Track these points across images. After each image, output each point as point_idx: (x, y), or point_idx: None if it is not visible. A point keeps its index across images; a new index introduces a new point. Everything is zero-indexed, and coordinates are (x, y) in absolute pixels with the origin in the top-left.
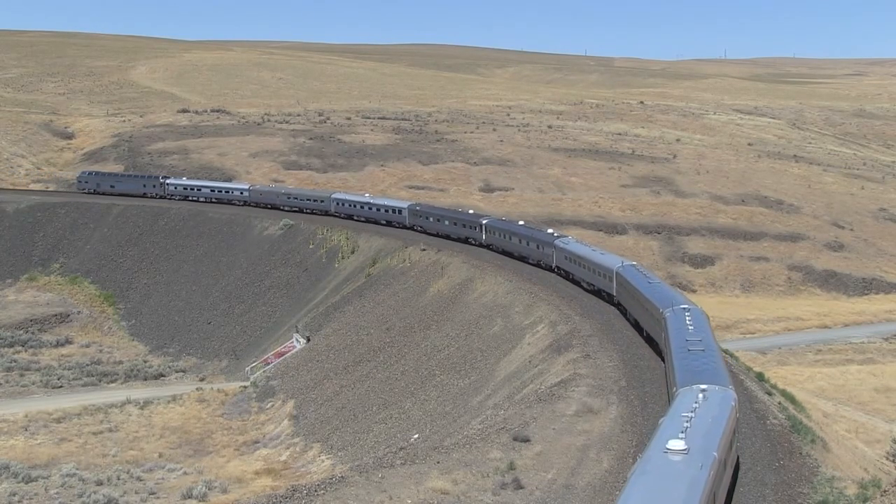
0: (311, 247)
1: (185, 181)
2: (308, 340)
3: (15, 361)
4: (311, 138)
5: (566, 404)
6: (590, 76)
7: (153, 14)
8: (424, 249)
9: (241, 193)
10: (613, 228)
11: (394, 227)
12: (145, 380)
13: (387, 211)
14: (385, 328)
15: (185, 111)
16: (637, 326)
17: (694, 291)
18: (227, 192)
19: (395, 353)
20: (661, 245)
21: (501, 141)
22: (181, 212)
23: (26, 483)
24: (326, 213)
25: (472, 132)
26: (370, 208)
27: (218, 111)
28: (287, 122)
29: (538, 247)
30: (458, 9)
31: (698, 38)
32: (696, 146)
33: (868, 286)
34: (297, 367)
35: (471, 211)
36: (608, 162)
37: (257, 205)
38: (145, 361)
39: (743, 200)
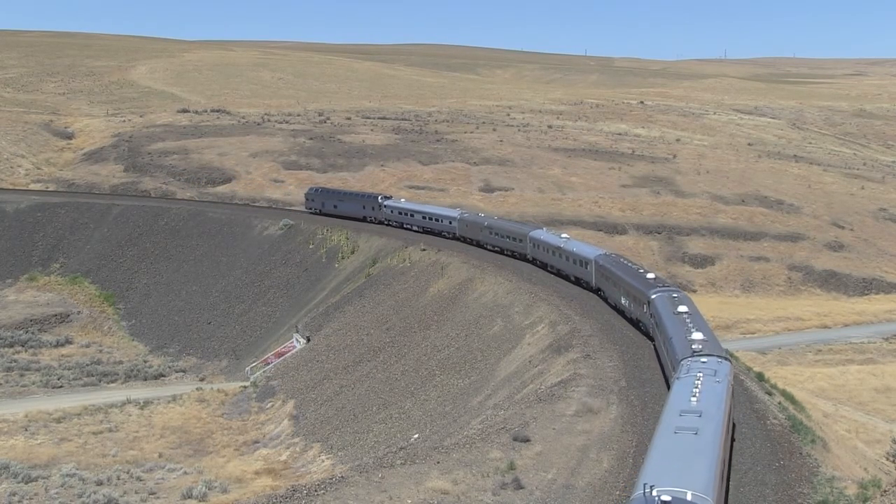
0: (311, 247)
1: (402, 204)
2: (308, 340)
3: (15, 361)
4: (311, 138)
5: (566, 404)
6: (590, 76)
7: (153, 14)
8: (424, 249)
9: (450, 223)
10: (613, 228)
11: (582, 286)
12: (145, 380)
13: (575, 262)
14: (385, 328)
15: (185, 111)
16: None
17: (694, 291)
18: (438, 220)
19: (395, 353)
20: (661, 245)
21: (501, 141)
22: (181, 212)
23: (26, 483)
24: (524, 258)
25: (472, 132)
26: (560, 255)
27: (218, 111)
28: (287, 122)
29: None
30: (458, 9)
31: (698, 38)
32: (696, 146)
33: (868, 286)
34: (297, 367)
35: (651, 276)
36: (608, 162)
37: (464, 240)
38: (145, 361)
39: (743, 200)
